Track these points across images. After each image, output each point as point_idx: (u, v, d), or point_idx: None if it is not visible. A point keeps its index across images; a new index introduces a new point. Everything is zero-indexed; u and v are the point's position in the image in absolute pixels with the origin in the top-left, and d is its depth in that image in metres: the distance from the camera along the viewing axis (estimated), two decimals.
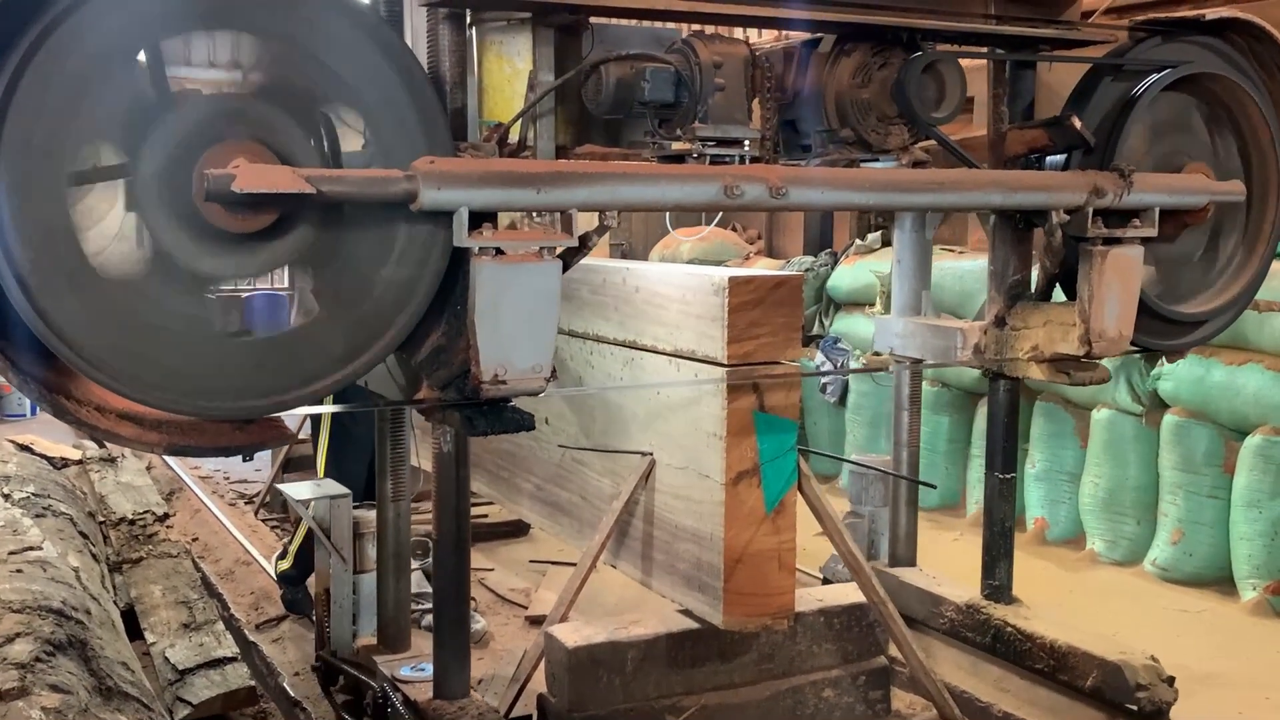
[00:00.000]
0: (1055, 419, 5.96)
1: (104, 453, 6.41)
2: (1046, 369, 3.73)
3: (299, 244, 2.57)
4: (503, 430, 2.79)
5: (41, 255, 2.33)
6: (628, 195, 2.84)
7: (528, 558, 5.70)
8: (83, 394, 2.59)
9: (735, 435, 3.39)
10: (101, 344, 2.41)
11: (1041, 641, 3.84)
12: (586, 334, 4.03)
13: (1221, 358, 5.26)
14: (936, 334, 4.13)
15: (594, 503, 4.03)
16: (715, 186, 2.92)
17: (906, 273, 4.38)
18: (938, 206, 3.61)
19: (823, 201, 3.21)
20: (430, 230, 2.64)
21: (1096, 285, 3.51)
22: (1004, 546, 4.14)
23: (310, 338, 2.65)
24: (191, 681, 3.66)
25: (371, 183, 2.55)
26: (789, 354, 3.49)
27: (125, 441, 2.65)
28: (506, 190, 2.67)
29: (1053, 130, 3.61)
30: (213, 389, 2.52)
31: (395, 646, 3.70)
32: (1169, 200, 3.60)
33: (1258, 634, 4.82)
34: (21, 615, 3.01)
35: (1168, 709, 3.61)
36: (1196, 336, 3.99)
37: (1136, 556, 5.56)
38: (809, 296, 7.49)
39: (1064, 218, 3.49)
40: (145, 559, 4.73)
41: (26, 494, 4.52)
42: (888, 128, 3.37)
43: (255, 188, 2.38)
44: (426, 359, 2.80)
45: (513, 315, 2.67)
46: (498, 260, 2.65)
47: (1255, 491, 5.05)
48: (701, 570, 3.52)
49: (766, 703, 3.71)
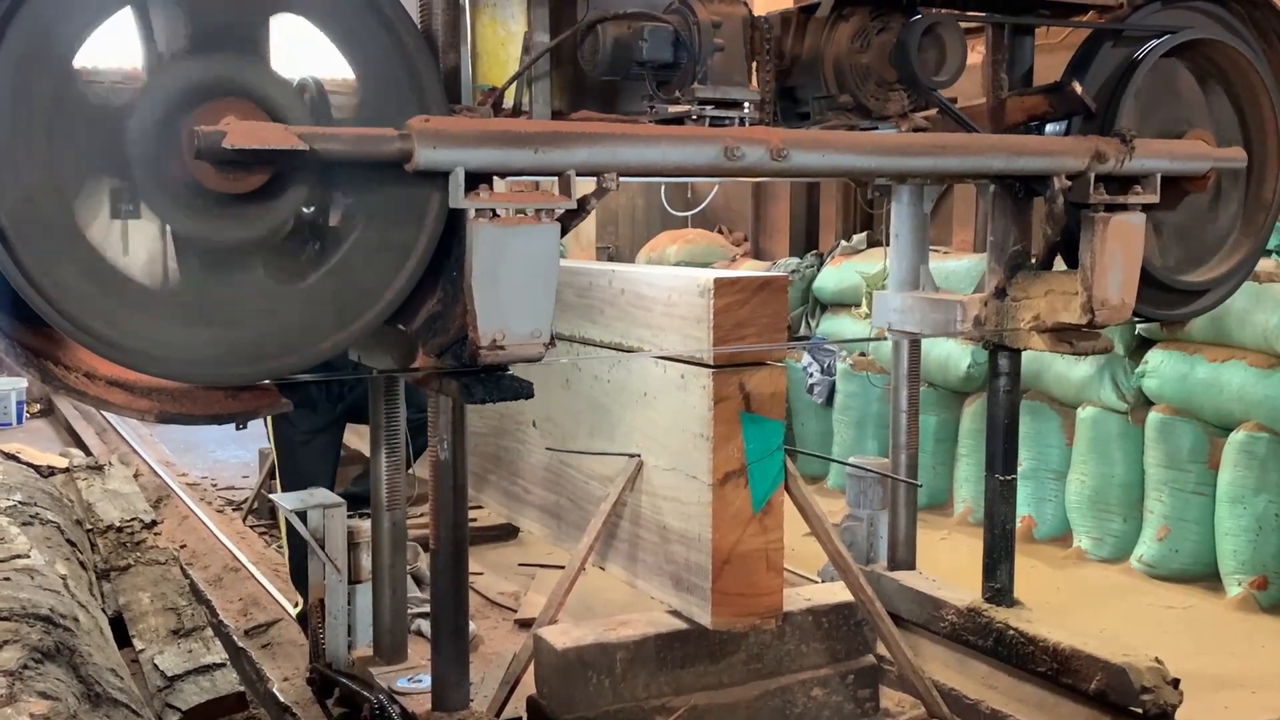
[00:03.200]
0: (1041, 417, 5.99)
1: (91, 460, 6.39)
2: (1048, 339, 3.68)
3: (292, 207, 2.53)
4: (501, 398, 2.73)
5: (24, 211, 2.29)
6: (627, 157, 2.79)
7: (516, 561, 5.70)
8: (71, 360, 2.53)
9: (722, 436, 3.40)
10: (88, 307, 2.37)
11: (1044, 645, 3.80)
12: (573, 336, 4.04)
13: (1205, 355, 5.29)
14: (935, 307, 4.07)
15: (582, 505, 4.03)
16: (715, 148, 2.87)
17: (904, 247, 4.32)
18: (940, 171, 3.51)
19: (824, 165, 3.13)
20: (426, 192, 2.59)
21: (1099, 253, 3.47)
22: (1005, 549, 4.10)
23: (304, 304, 2.59)
24: (181, 688, 3.64)
25: (365, 141, 2.50)
26: (774, 355, 3.50)
27: (115, 408, 2.59)
28: (504, 150, 2.62)
29: (1053, 96, 3.58)
30: (204, 356, 2.48)
31: (392, 658, 3.66)
32: (1171, 166, 3.57)
33: (1244, 629, 4.84)
34: (9, 623, 3.00)
35: (1173, 711, 3.57)
36: (1198, 306, 3.97)
37: (1123, 554, 5.58)
38: (795, 298, 7.51)
39: (1065, 184, 3.44)
40: (133, 566, 4.72)
41: (13, 502, 4.50)
42: (887, 94, 3.32)
43: (247, 144, 2.34)
44: (422, 326, 2.75)
45: (511, 279, 2.62)
46: (495, 222, 2.60)
47: (1240, 487, 5.07)
48: (689, 571, 3.53)
49: (755, 702, 3.71)
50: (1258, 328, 5.10)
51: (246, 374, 2.57)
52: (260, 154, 2.38)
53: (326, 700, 3.86)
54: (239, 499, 6.87)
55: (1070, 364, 5.80)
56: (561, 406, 4.15)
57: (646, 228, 10.28)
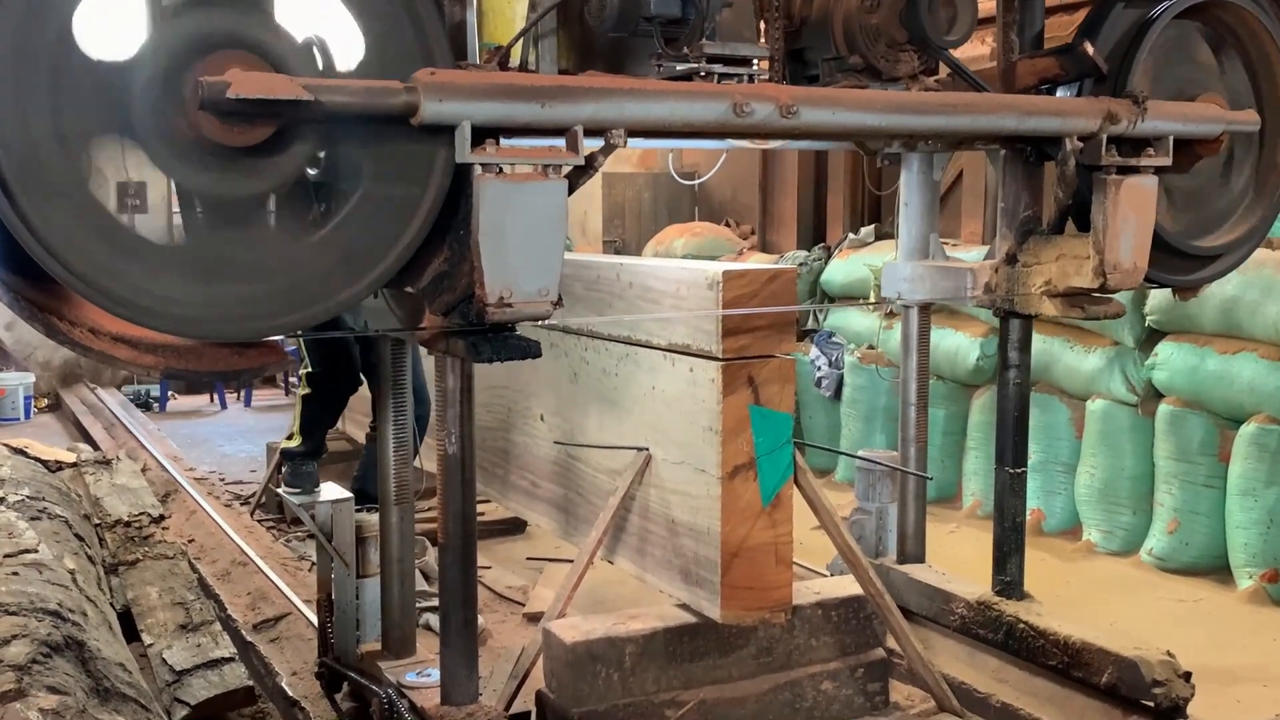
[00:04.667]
0: (1050, 410, 5.96)
1: (99, 455, 6.40)
2: (1060, 304, 3.63)
3: (297, 162, 2.51)
4: (509, 356, 2.71)
5: (29, 165, 2.27)
6: (635, 112, 2.75)
7: (525, 555, 5.70)
8: (76, 315, 2.52)
9: (731, 429, 3.39)
10: (94, 262, 2.35)
11: (1055, 638, 3.78)
12: (581, 330, 4.03)
13: (1216, 347, 5.27)
14: (946, 275, 4.03)
15: (590, 499, 4.02)
16: (724, 104, 2.84)
17: (914, 215, 4.28)
18: (951, 130, 3.44)
19: (833, 123, 3.08)
20: (432, 147, 2.57)
21: (1111, 216, 3.43)
22: (1015, 542, 4.08)
23: (311, 260, 2.57)
24: (189, 682, 3.65)
25: (371, 93, 2.48)
26: (783, 348, 3.49)
27: (120, 364, 2.59)
28: (510, 104, 2.59)
29: (1064, 58, 3.54)
30: (209, 311, 2.47)
31: (400, 652, 3.64)
32: (1183, 128, 3.54)
33: (1255, 622, 4.82)
34: (18, 617, 3.00)
35: (1185, 705, 3.55)
36: (1211, 272, 3.93)
37: (1133, 547, 5.56)
38: (803, 291, 7.50)
39: (1077, 145, 3.41)
40: (141, 561, 4.73)
41: (21, 497, 4.51)
42: (897, 54, 3.30)
43: (251, 93, 2.32)
44: (429, 285, 2.73)
45: (518, 235, 2.60)
46: (502, 178, 2.57)
47: (1250, 480, 5.05)
48: (699, 565, 3.52)
49: (765, 696, 3.70)
50: (1269, 320, 5.07)
51: (254, 330, 2.56)
52: (265, 104, 2.36)
53: (335, 695, 3.85)
54: (247, 493, 6.87)
55: (1080, 356, 5.78)
56: (570, 400, 4.14)
57: (654, 221, 10.27)
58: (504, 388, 4.57)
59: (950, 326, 6.42)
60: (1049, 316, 3.78)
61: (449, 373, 3.08)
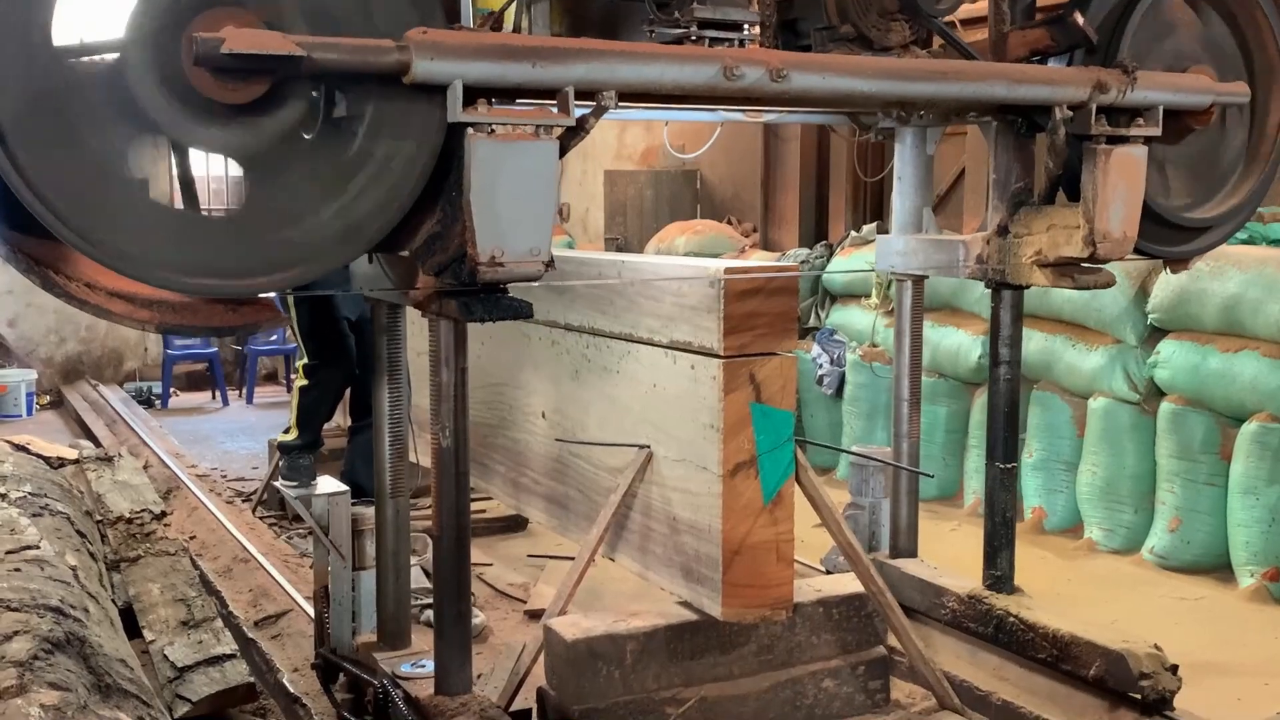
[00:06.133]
0: (1052, 408, 5.96)
1: (100, 452, 6.40)
2: (1050, 274, 3.66)
3: (291, 119, 2.53)
4: (500, 316, 2.74)
5: (27, 119, 2.29)
6: (625, 74, 2.79)
7: (526, 552, 5.70)
8: (72, 269, 2.55)
9: (732, 427, 3.39)
10: (91, 216, 2.37)
11: (1044, 631, 3.82)
12: (583, 327, 4.03)
13: (1218, 345, 5.26)
14: (939, 248, 4.08)
15: (592, 496, 4.02)
16: (714, 68, 2.87)
17: (907, 189, 4.32)
18: (942, 97, 3.47)
19: (824, 88, 3.11)
20: (425, 107, 2.60)
21: (1100, 185, 3.46)
22: (1005, 536, 4.12)
23: (305, 218, 2.60)
24: (191, 679, 3.65)
25: (363, 51, 2.50)
26: (785, 345, 3.49)
27: (116, 318, 2.62)
28: (502, 63, 2.62)
29: (1055, 29, 3.56)
30: (204, 267, 2.49)
31: (396, 643, 3.66)
32: (1173, 99, 3.56)
33: (1256, 621, 4.82)
34: (19, 614, 3.00)
35: (1171, 697, 3.58)
36: (1202, 243, 3.96)
37: (1135, 545, 5.56)
38: (805, 289, 7.49)
39: (1067, 114, 3.43)
40: (143, 557, 4.73)
41: (23, 493, 4.51)
42: (889, 23, 3.36)
43: (245, 49, 2.35)
44: (422, 246, 2.76)
45: (509, 195, 2.63)
46: (493, 138, 2.61)
47: (1252, 478, 5.05)
48: (700, 562, 3.52)
49: (766, 694, 3.71)
50: (1270, 318, 5.07)
51: (248, 287, 2.59)
52: (258, 60, 2.38)
53: (331, 686, 3.86)
54: (248, 490, 6.87)
55: (1081, 354, 5.77)
56: (571, 398, 4.14)
57: (655, 218, 10.27)
58: (506, 385, 4.58)
59: (952, 324, 6.42)
60: (1040, 286, 3.81)
61: (443, 367, 3.11)
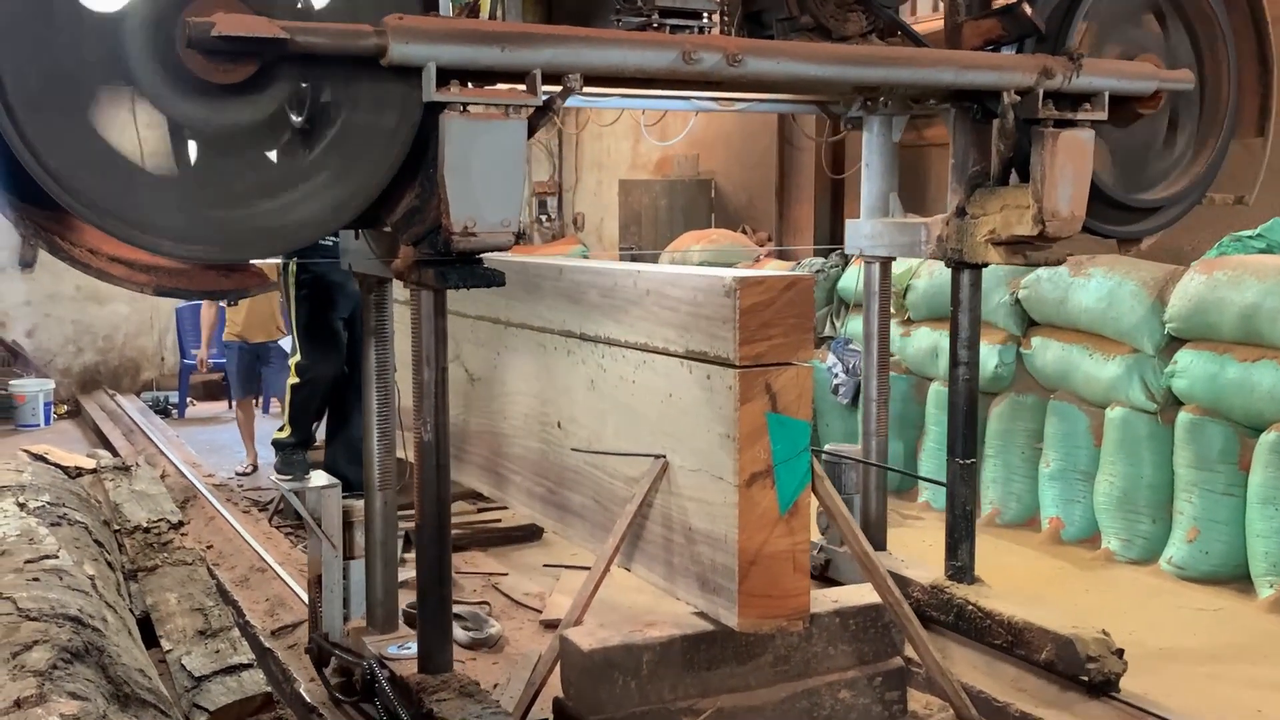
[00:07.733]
0: (1069, 418, 5.94)
1: (118, 461, 6.43)
2: (1003, 251, 3.89)
3: (278, 98, 2.76)
4: (475, 284, 3.00)
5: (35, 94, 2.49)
6: (590, 58, 3.03)
7: (541, 562, 5.70)
8: (76, 236, 2.79)
9: (748, 437, 3.38)
10: (93, 187, 2.58)
11: (999, 618, 4.07)
12: (598, 337, 4.03)
13: (1235, 355, 5.24)
14: (902, 231, 4.34)
15: (607, 506, 4.02)
16: (674, 53, 3.12)
17: (874, 175, 4.58)
18: (893, 82, 3.72)
19: (778, 72, 3.33)
20: (403, 89, 2.83)
21: (1049, 167, 3.66)
22: (966, 529, 4.35)
23: (293, 190, 2.82)
24: (208, 688, 3.66)
25: (343, 34, 2.75)
26: (801, 355, 3.48)
27: (115, 281, 2.85)
28: (474, 47, 2.87)
29: (1006, 19, 3.73)
30: (199, 236, 2.72)
31: (383, 628, 3.91)
32: (1119, 85, 3.75)
33: (1275, 632, 4.79)
34: (38, 623, 3.02)
35: (1116, 679, 3.76)
36: (1152, 224, 4.17)
37: (1152, 555, 5.54)
38: (820, 298, 7.49)
39: (1015, 99, 3.62)
40: (160, 567, 4.75)
41: (42, 503, 4.53)
42: (846, 14, 3.63)
43: (233, 31, 2.58)
44: (401, 219, 3.00)
45: (481, 169, 2.87)
46: (466, 116, 2.85)
47: (1271, 489, 5.02)
48: (716, 572, 3.52)
49: (783, 705, 3.70)
50: None
51: (239, 254, 2.84)
52: (246, 42, 2.60)
53: (323, 669, 4.04)
54: (265, 500, 6.89)
55: (1099, 364, 5.76)
56: (587, 407, 4.14)
57: (670, 228, 10.28)
58: (521, 394, 4.58)
59: None
60: (994, 264, 4.02)
61: (424, 366, 3.39)
